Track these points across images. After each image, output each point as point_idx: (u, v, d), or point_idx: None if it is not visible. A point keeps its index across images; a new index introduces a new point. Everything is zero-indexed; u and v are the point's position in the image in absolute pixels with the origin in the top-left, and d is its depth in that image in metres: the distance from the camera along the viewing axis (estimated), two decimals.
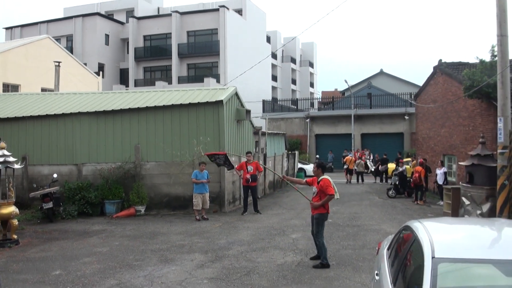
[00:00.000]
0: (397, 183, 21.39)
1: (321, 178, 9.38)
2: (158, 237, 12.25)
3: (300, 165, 32.72)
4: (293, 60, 70.64)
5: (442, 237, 4.47)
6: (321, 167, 9.56)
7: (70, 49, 46.09)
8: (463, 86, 16.08)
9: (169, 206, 16.67)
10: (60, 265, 9.45)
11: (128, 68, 49.05)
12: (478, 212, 12.99)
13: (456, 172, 19.30)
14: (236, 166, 16.45)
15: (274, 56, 61.57)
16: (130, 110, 16.98)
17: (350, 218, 15.05)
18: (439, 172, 18.95)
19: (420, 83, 36.81)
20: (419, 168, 19.42)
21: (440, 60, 21.63)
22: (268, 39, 58.93)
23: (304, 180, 10.19)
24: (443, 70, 20.79)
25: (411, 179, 20.34)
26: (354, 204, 18.36)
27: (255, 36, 51.23)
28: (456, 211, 14.87)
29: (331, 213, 15.98)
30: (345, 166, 28.77)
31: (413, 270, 4.19)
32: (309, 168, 33.72)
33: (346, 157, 29.58)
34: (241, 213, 16.06)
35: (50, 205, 14.83)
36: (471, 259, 3.89)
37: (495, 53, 13.10)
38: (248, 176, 16.16)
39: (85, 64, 42.12)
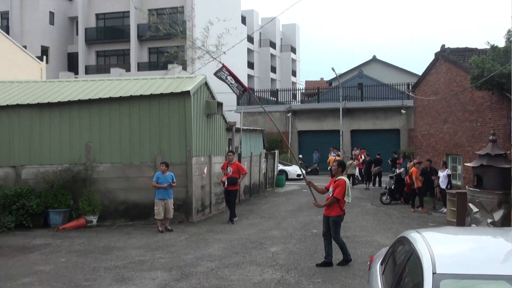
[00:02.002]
0: (392, 187, 21.59)
1: (338, 178, 10.61)
2: (114, 252, 12.11)
3: (281, 167, 32.80)
4: (273, 45, 70.79)
5: (445, 249, 4.49)
6: (342, 167, 10.94)
7: (6, 28, 45.19)
8: (470, 76, 16.31)
9: (126, 216, 16.52)
10: None
11: (77, 52, 48.43)
12: (489, 220, 13.15)
13: (462, 174, 19.60)
14: (221, 165, 16.77)
15: (250, 39, 61.58)
16: (80, 102, 16.76)
17: None
18: (442, 174, 19.20)
19: (419, 72, 37.19)
20: (414, 169, 19.79)
21: (443, 46, 21.93)
22: (243, 20, 58.91)
23: (324, 186, 11.29)
24: (446, 57, 21.07)
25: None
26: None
27: (227, 16, 51.06)
28: (462, 219, 15.06)
29: (316, 222, 16.17)
30: (329, 168, 29.01)
31: None
32: (292, 170, 33.86)
33: (329, 158, 29.78)
34: (227, 221, 16.45)
35: None
36: (480, 275, 3.88)
37: None
38: (224, 178, 16.44)
39: (25, 47, 41.33)
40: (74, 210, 16.13)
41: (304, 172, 15.14)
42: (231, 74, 12.13)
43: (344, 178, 10.64)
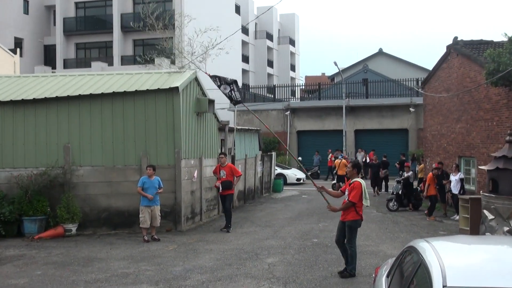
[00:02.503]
0: (400, 192, 21.64)
1: (353, 180, 10.76)
2: (94, 263, 12.09)
3: (278, 170, 32.85)
4: (270, 36, 70.87)
5: (456, 260, 4.51)
6: (357, 168, 11.03)
7: None
8: (486, 71, 16.36)
9: (109, 224, 16.50)
10: None
11: (55, 45, 48.33)
12: (505, 229, 13.18)
13: (476, 178, 19.66)
14: (213, 169, 16.97)
15: (245, 30, 61.61)
16: (57, 100, 16.74)
17: None
18: (454, 178, 19.26)
19: (429, 66, 37.28)
20: (430, 175, 19.70)
21: (456, 38, 21.99)
22: (238, 9, 58.98)
23: (339, 190, 11.63)
24: (459, 50, 21.14)
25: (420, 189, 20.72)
26: None
27: (220, 5, 51.18)
28: (475, 227, 15.11)
29: (316, 231, 16.20)
30: (335, 171, 29.05)
31: None
32: (291, 173, 33.88)
33: (336, 161, 29.83)
34: (221, 229, 16.60)
35: None
36: None
37: None
38: (218, 183, 16.56)
39: None
40: (51, 218, 16.08)
41: (309, 176, 15.18)
42: (220, 80, 12.30)
43: (360, 180, 10.77)
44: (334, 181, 29.09)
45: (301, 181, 33.97)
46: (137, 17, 46.32)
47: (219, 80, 12.39)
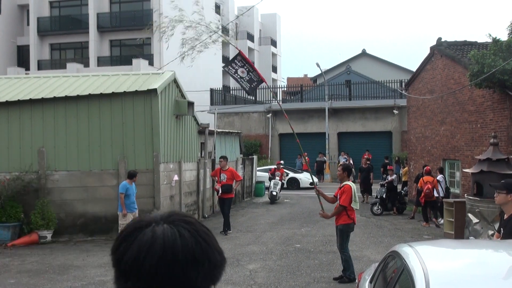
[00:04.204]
0: (384, 196, 21.78)
1: (344, 183, 10.87)
2: (70, 271, 12.04)
3: (291, 174, 32.88)
4: (250, 37, 70.92)
5: (440, 265, 4.56)
6: (347, 170, 11.16)
7: None
8: (469, 72, 16.53)
9: (85, 230, 16.42)
10: None
11: (28, 45, 47.90)
12: (490, 232, 13.33)
13: (460, 181, 19.83)
14: (211, 172, 17.42)
15: (225, 31, 61.62)
16: (31, 102, 16.63)
17: (324, 243, 15.23)
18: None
19: (413, 67, 37.50)
20: (429, 178, 19.45)
21: (440, 39, 22.19)
22: (218, 8, 58.96)
23: (333, 195, 11.51)
24: (443, 51, 21.33)
25: (406, 192, 20.74)
26: (328, 224, 18.50)
27: (199, 4, 51.10)
28: (460, 231, 15.27)
29: (299, 236, 16.25)
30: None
31: None
32: (304, 177, 33.58)
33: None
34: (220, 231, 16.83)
35: None
36: None
37: None
38: (218, 186, 16.94)
39: None
40: (26, 225, 15.97)
41: (313, 179, 14.75)
42: (245, 63, 11.87)
43: (350, 183, 10.91)
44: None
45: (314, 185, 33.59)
46: (114, 17, 46.37)
47: (244, 62, 11.73)
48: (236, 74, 11.91)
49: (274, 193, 25.52)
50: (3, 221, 15.66)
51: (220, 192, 17.04)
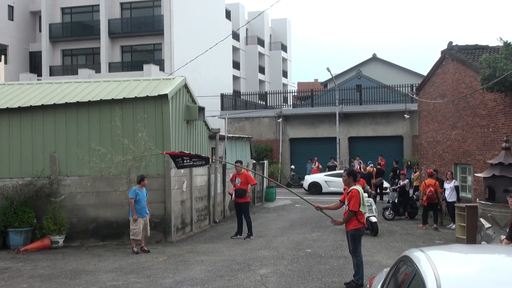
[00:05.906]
0: (396, 200, 21.70)
1: (351, 188, 10.87)
2: (82, 276, 12.07)
3: (313, 178, 32.87)
4: (261, 42, 70.98)
5: (452, 270, 4.54)
6: (352, 175, 11.21)
7: None
8: (481, 76, 16.47)
9: (97, 235, 16.47)
10: None
11: (40, 51, 48.22)
12: (502, 237, 13.25)
13: (472, 186, 19.72)
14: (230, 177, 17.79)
15: (235, 36, 61.73)
16: (43, 108, 16.72)
17: (335, 247, 15.18)
18: (449, 186, 19.31)
19: (424, 72, 37.45)
20: (431, 181, 19.45)
21: (451, 43, 22.11)
22: (228, 14, 59.07)
23: (338, 200, 11.58)
24: (454, 55, 21.26)
25: (418, 196, 20.53)
26: (339, 229, 18.48)
27: (210, 10, 51.27)
28: (472, 236, 15.18)
29: (310, 241, 16.22)
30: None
31: None
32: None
33: (368, 167, 29.54)
34: (231, 236, 17.27)
35: None
36: None
37: None
38: (231, 191, 17.23)
39: None
40: (38, 230, 16.03)
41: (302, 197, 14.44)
42: (181, 157, 12.49)
43: (357, 187, 10.94)
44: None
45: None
46: (125, 23, 46.56)
47: (181, 160, 12.43)
48: (188, 162, 12.51)
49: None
50: (16, 226, 15.73)
51: (233, 196, 17.17)
